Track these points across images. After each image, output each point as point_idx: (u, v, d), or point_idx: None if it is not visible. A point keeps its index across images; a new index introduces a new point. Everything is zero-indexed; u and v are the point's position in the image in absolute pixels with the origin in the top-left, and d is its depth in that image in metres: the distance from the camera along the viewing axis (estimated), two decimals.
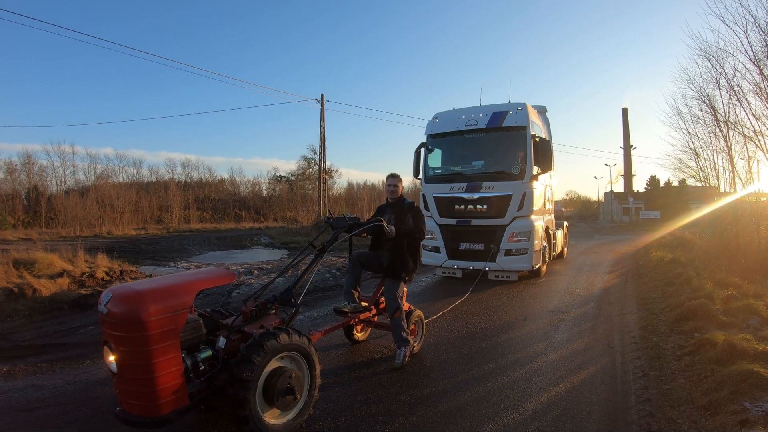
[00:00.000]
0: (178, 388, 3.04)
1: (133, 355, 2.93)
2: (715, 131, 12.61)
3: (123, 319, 2.91)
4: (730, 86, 11.01)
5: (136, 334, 2.89)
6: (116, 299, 3.00)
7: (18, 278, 8.99)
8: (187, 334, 3.24)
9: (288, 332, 3.50)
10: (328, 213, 5.43)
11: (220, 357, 3.41)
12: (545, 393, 4.44)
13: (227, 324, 3.72)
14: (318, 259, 4.72)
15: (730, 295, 7.19)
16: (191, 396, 3.17)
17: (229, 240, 28.84)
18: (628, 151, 63.34)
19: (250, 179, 70.97)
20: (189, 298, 3.19)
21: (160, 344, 2.94)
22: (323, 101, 32.54)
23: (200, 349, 3.39)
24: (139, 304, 2.92)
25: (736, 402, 3.80)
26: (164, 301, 3.02)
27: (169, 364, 2.98)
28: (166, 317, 2.98)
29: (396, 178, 5.72)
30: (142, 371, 2.92)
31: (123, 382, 3.01)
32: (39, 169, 47.52)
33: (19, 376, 4.92)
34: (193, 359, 3.28)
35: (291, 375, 3.45)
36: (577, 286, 10.28)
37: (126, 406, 3.05)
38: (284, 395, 3.39)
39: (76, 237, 27.61)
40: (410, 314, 5.52)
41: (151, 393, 2.92)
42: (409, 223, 5.37)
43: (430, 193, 11.25)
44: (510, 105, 10.94)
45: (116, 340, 2.96)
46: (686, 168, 15.61)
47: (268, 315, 4.03)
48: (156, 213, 48.34)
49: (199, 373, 3.29)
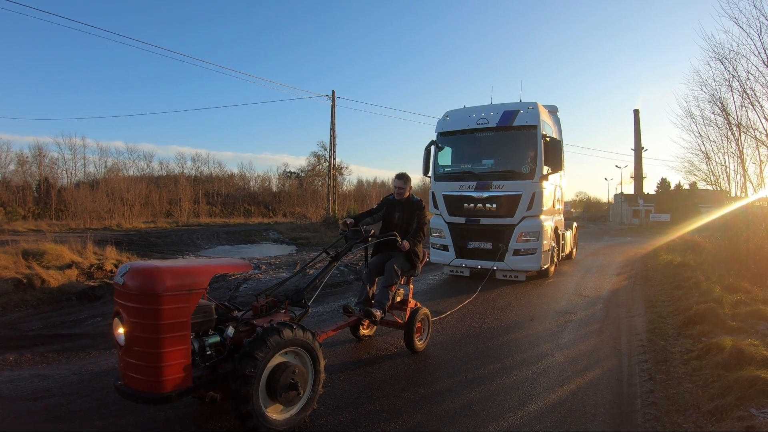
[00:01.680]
0: (184, 367, 3.07)
1: (144, 327, 2.97)
2: (726, 134, 12.54)
3: (138, 290, 2.98)
4: (742, 89, 10.93)
5: (149, 306, 2.95)
6: (134, 271, 3.06)
7: (27, 269, 9.07)
8: (199, 316, 3.28)
9: (291, 327, 3.49)
10: (342, 226, 5.58)
11: (228, 345, 3.45)
12: (551, 394, 4.43)
13: (236, 317, 3.76)
14: (332, 267, 4.91)
15: (739, 300, 7.11)
16: (195, 379, 3.19)
17: (238, 235, 28.96)
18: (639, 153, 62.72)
19: (260, 174, 71.57)
20: (204, 280, 3.24)
21: (171, 320, 2.98)
22: (334, 98, 32.59)
23: (209, 334, 3.44)
24: (155, 277, 2.97)
25: (742, 408, 3.76)
26: (180, 278, 3.07)
27: (177, 341, 3.02)
28: (180, 294, 3.03)
29: (402, 179, 5.78)
30: (150, 345, 2.96)
31: (129, 355, 3.03)
32: (50, 161, 48.08)
33: (26, 366, 4.97)
34: (201, 343, 3.32)
35: (295, 370, 3.44)
36: (585, 287, 10.23)
37: (128, 380, 3.07)
38: (287, 391, 3.38)
39: (85, 229, 27.83)
40: (416, 312, 5.54)
41: (156, 368, 2.96)
42: (414, 225, 5.63)
43: (440, 191, 11.23)
44: (521, 104, 10.90)
45: (128, 311, 3.01)
46: (697, 171, 15.53)
47: (278, 312, 4.07)
48: (165, 207, 48.61)
49: (205, 357, 3.33)
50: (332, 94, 32.58)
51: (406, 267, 5.54)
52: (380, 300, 5.37)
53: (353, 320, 5.33)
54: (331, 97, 32.63)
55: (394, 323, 5.66)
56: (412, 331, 5.41)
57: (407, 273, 5.65)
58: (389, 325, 5.70)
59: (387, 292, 5.40)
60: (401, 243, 5.35)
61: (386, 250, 5.70)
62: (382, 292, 5.42)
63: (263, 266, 12.74)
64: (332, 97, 32.61)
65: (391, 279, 5.39)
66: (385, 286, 5.42)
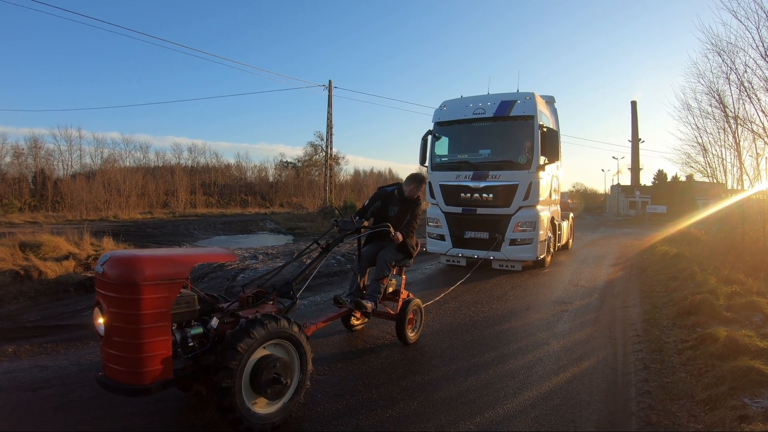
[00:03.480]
0: (164, 359, 3.00)
1: (123, 317, 2.91)
2: (724, 127, 12.52)
3: (117, 280, 2.91)
4: (740, 82, 10.91)
5: (128, 296, 2.89)
6: (113, 260, 3.00)
7: (24, 261, 9.05)
8: (180, 306, 3.20)
9: (276, 319, 3.40)
10: (337, 212, 5.54)
11: (211, 336, 3.36)
12: (546, 382, 4.47)
13: (222, 308, 3.69)
14: (322, 258, 4.80)
15: (734, 291, 7.17)
16: (176, 371, 3.13)
17: (235, 225, 28.96)
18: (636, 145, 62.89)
19: (257, 165, 71.09)
20: (185, 270, 3.19)
21: (151, 310, 2.92)
22: (331, 87, 32.48)
23: (192, 325, 3.34)
24: (135, 266, 2.91)
25: (735, 397, 3.81)
26: (160, 268, 3.00)
27: (157, 332, 2.95)
28: (160, 284, 2.97)
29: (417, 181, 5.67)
30: (130, 335, 2.90)
31: (109, 345, 2.98)
32: (46, 153, 47.78)
33: (25, 357, 4.97)
34: (183, 334, 3.23)
35: (279, 363, 3.35)
36: (581, 277, 10.28)
37: (108, 371, 3.02)
38: (272, 384, 3.29)
39: (82, 220, 27.75)
40: (408, 303, 5.46)
41: (135, 359, 2.90)
42: (408, 217, 5.54)
43: (437, 181, 11.23)
44: (518, 94, 10.86)
45: (108, 301, 2.95)
46: (694, 163, 15.53)
47: (265, 304, 4.00)
48: (162, 197, 48.51)
49: (187, 348, 3.24)
50: (329, 84, 32.48)
51: (398, 258, 5.47)
52: (372, 292, 5.33)
53: (344, 312, 5.23)
54: (327, 87, 32.53)
55: (386, 314, 5.59)
56: (404, 323, 5.34)
57: (400, 263, 5.59)
58: (381, 316, 5.63)
59: (378, 285, 5.35)
60: (394, 235, 5.23)
61: (379, 240, 5.62)
62: (373, 285, 5.38)
63: (260, 256, 12.74)
64: (329, 87, 32.51)
65: (382, 272, 5.34)
66: (376, 279, 5.37)
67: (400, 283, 5.76)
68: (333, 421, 3.63)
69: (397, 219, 5.55)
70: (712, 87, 12.35)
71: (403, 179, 5.78)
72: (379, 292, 5.34)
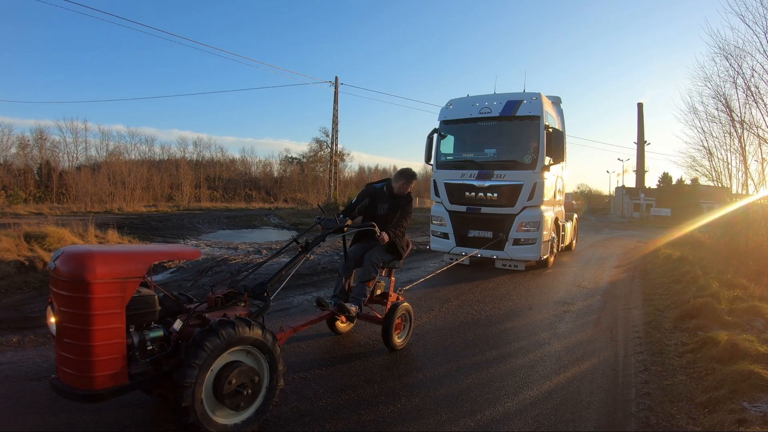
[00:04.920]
0: (118, 363, 2.80)
1: (73, 317, 2.72)
2: (729, 131, 12.51)
3: (67, 277, 2.71)
4: (747, 86, 10.91)
5: (78, 294, 2.69)
6: (65, 256, 2.80)
7: (29, 251, 9.10)
8: (138, 307, 2.98)
9: (250, 324, 3.20)
10: (320, 211, 5.23)
11: (173, 340, 3.12)
12: (547, 381, 4.50)
13: (189, 309, 3.45)
14: (301, 258, 4.46)
15: (736, 296, 7.16)
16: (133, 376, 2.92)
17: (239, 219, 28.98)
18: (641, 147, 62.55)
19: (262, 160, 71.42)
20: (141, 267, 2.96)
21: (103, 311, 2.72)
22: (337, 84, 32.51)
23: (151, 327, 3.11)
24: (85, 263, 2.70)
25: (735, 401, 3.83)
26: (113, 265, 2.80)
27: (110, 334, 2.75)
28: (112, 282, 2.76)
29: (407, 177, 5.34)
30: (80, 337, 2.70)
31: (60, 347, 2.80)
32: (51, 144, 47.96)
33: (29, 347, 5.02)
34: (141, 337, 3.00)
35: (246, 372, 3.16)
36: (584, 278, 10.30)
37: (61, 374, 2.84)
38: (235, 394, 3.10)
39: (87, 212, 27.85)
40: (396, 307, 5.14)
41: (86, 363, 2.70)
42: (397, 215, 5.22)
43: (441, 179, 11.28)
44: (524, 94, 10.89)
45: (59, 300, 2.78)
46: (699, 167, 15.53)
47: (236, 306, 3.75)
48: (167, 191, 48.59)
49: (146, 352, 3.01)
50: (335, 81, 32.50)
51: (386, 259, 5.16)
52: (356, 295, 5.04)
53: (326, 315, 4.97)
54: (334, 83, 32.55)
55: (373, 318, 5.26)
56: (391, 327, 5.01)
57: (388, 265, 5.27)
58: (367, 319, 5.34)
59: (364, 288, 5.06)
60: (380, 235, 4.91)
61: (366, 239, 5.36)
62: (358, 287, 5.08)
63: (264, 251, 12.80)
64: (335, 84, 32.53)
65: (368, 274, 5.03)
66: (362, 281, 5.06)
67: (389, 285, 5.43)
68: (334, 415, 3.67)
69: (387, 217, 5.28)
70: (718, 91, 12.36)
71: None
72: (365, 294, 5.06)
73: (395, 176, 5.37)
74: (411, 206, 5.34)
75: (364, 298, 5.06)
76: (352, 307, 4.87)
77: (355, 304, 4.94)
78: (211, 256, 11.75)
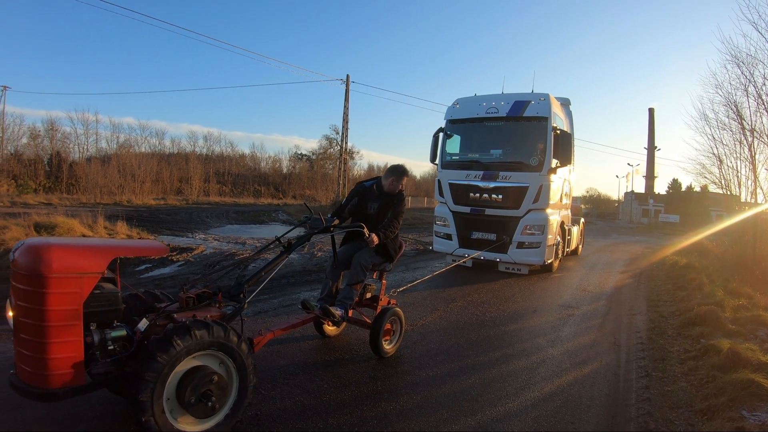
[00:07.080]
0: (75, 363, 2.68)
1: (29, 312, 2.63)
2: (740, 139, 12.40)
3: (24, 269, 2.62)
4: (758, 95, 10.83)
5: (33, 288, 2.60)
6: (24, 249, 2.70)
7: None
8: (98, 304, 2.86)
9: (225, 328, 3.09)
10: (307, 209, 4.95)
11: (136, 340, 2.99)
12: (548, 384, 4.55)
13: (159, 308, 3.31)
14: (282, 259, 4.28)
15: (741, 305, 7.17)
16: (94, 376, 2.84)
17: (247, 215, 29.13)
18: (651, 152, 62.07)
19: (271, 156, 71.79)
20: (101, 263, 2.82)
21: (58, 307, 2.61)
22: (348, 82, 32.57)
23: (114, 326, 2.95)
24: (42, 256, 2.59)
25: (734, 409, 3.86)
26: (71, 259, 2.68)
27: (66, 332, 2.64)
28: (69, 277, 2.65)
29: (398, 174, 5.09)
30: (36, 333, 2.61)
31: (17, 342, 2.72)
32: (62, 135, 48.52)
33: None
34: (102, 336, 2.85)
35: (214, 379, 3.01)
36: (589, 283, 10.30)
37: (18, 371, 2.74)
38: (200, 401, 2.95)
39: (96, 204, 28.15)
40: (386, 312, 4.89)
41: (41, 361, 2.61)
42: (388, 215, 5.00)
43: (446, 179, 11.21)
44: (532, 95, 10.79)
45: (16, 294, 2.70)
46: (708, 174, 15.38)
47: (208, 307, 3.56)
48: (176, 184, 48.93)
49: (106, 352, 2.86)
50: (347, 79, 32.56)
51: (376, 261, 4.98)
52: (343, 298, 4.82)
53: (310, 318, 4.72)
54: (345, 81, 32.60)
55: (361, 322, 5.08)
56: (379, 333, 4.75)
57: (378, 267, 5.09)
58: (356, 323, 5.17)
59: (351, 291, 4.82)
60: (369, 236, 4.71)
61: (356, 240, 5.15)
62: (346, 290, 4.85)
63: (271, 247, 12.86)
64: (347, 82, 32.59)
65: (356, 276, 4.83)
66: (350, 284, 4.84)
67: (380, 288, 5.25)
68: (338, 410, 3.74)
69: (377, 217, 5.04)
70: (729, 98, 12.25)
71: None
72: (352, 298, 4.84)
73: (385, 173, 5.16)
74: (403, 205, 5.11)
75: (351, 302, 4.85)
76: (337, 311, 4.66)
77: (340, 308, 4.74)
78: (219, 251, 11.85)
